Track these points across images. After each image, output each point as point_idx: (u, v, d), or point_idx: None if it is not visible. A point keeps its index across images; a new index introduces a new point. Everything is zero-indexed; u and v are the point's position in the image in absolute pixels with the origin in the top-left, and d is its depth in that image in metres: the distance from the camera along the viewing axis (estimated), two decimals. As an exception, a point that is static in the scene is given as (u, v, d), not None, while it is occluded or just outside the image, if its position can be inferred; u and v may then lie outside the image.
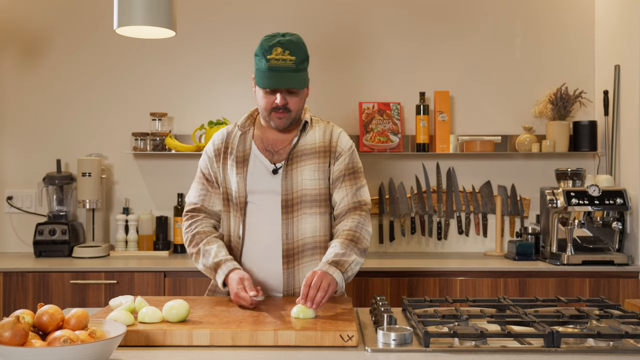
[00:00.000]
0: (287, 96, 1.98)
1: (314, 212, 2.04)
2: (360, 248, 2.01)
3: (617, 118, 3.33)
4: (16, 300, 3.02)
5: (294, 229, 2.02)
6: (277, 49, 1.92)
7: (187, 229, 2.10)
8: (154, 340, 1.54)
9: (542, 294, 3.00)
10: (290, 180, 2.03)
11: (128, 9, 2.26)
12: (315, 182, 2.04)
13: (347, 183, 2.07)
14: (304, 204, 2.03)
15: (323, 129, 2.11)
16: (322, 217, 2.06)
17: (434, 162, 3.60)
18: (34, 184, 3.58)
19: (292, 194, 2.03)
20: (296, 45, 1.95)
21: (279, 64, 1.92)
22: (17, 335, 1.29)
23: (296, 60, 1.93)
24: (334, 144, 2.08)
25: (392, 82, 3.61)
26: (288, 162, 2.04)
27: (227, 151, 2.10)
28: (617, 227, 3.07)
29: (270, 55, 1.92)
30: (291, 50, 1.93)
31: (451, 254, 3.48)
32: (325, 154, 2.07)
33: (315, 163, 2.05)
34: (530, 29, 3.61)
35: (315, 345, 1.53)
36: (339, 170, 2.07)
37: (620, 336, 1.52)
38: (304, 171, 2.04)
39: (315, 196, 2.04)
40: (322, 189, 2.05)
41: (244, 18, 3.61)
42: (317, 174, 2.04)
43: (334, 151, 2.08)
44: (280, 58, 1.92)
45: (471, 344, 1.52)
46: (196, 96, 3.62)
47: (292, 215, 2.02)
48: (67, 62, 3.61)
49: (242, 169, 2.05)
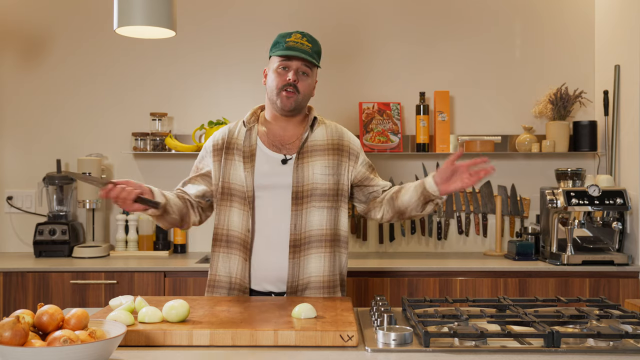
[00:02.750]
0: (299, 76, 2.08)
1: (323, 205, 2.09)
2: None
3: (617, 118, 3.33)
4: (16, 300, 3.02)
5: (302, 220, 2.06)
6: (296, 34, 2.07)
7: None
8: (154, 340, 1.54)
9: (542, 294, 3.00)
10: (301, 172, 2.07)
11: (128, 9, 2.26)
12: (326, 177, 2.09)
13: (376, 179, 2.20)
14: (313, 197, 2.07)
15: (331, 128, 2.19)
16: (329, 211, 2.10)
17: (434, 162, 3.60)
18: (34, 184, 3.58)
19: (302, 186, 2.07)
20: (313, 38, 2.11)
21: (297, 45, 2.05)
22: (17, 335, 1.29)
23: (312, 47, 2.08)
24: (345, 144, 2.16)
25: (392, 82, 3.61)
26: (299, 156, 2.09)
27: (230, 147, 2.12)
28: (617, 227, 3.07)
29: (289, 39, 2.06)
30: (308, 39, 2.09)
31: (451, 254, 3.48)
32: (336, 152, 2.13)
33: (326, 159, 2.11)
34: (531, 29, 3.61)
35: (315, 345, 1.53)
36: (364, 169, 2.18)
37: (620, 336, 1.52)
38: (315, 166, 2.09)
39: (325, 190, 2.09)
40: (331, 184, 2.10)
41: (244, 18, 3.61)
42: (328, 169, 2.10)
43: (347, 151, 2.16)
44: (298, 41, 2.06)
45: (471, 344, 1.52)
46: (196, 96, 3.62)
47: (301, 207, 2.06)
48: (67, 62, 3.61)
49: (250, 164, 2.08)
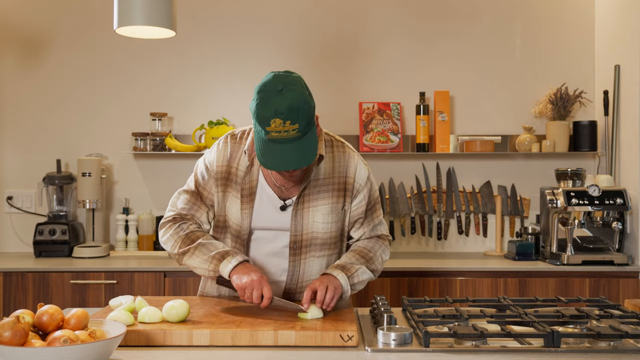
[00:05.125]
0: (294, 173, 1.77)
1: (323, 254, 1.93)
2: (370, 268, 1.90)
3: (617, 118, 3.33)
4: (16, 300, 3.02)
5: (300, 270, 1.91)
6: (275, 120, 1.62)
7: (175, 229, 1.88)
8: (154, 340, 1.54)
9: (542, 294, 2.99)
10: (300, 219, 1.87)
11: (128, 9, 2.26)
12: (327, 225, 1.89)
13: (366, 223, 1.98)
14: (313, 247, 1.90)
15: (338, 158, 1.91)
16: (329, 259, 1.95)
17: (434, 162, 3.60)
18: (34, 184, 3.58)
19: (301, 235, 1.88)
20: (297, 110, 1.63)
21: (281, 135, 1.64)
22: (17, 335, 1.29)
23: (300, 126, 1.64)
24: (350, 180, 1.91)
25: (392, 82, 3.61)
26: (299, 199, 1.87)
27: (230, 177, 1.89)
28: (617, 227, 3.07)
29: (270, 128, 1.64)
30: (292, 119, 1.62)
31: (451, 254, 3.48)
32: (340, 192, 1.90)
33: (328, 204, 1.88)
34: (530, 29, 3.61)
35: (315, 345, 1.53)
36: (358, 212, 1.94)
37: (620, 336, 1.52)
38: (317, 213, 1.87)
39: (326, 239, 1.91)
40: (333, 232, 1.91)
41: (245, 18, 3.61)
42: (330, 217, 1.89)
43: (350, 188, 1.91)
44: (281, 130, 1.63)
45: (471, 344, 1.52)
46: (196, 96, 3.62)
47: (299, 258, 1.90)
48: (67, 62, 3.61)
49: (248, 204, 1.87)
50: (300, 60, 3.59)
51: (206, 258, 1.80)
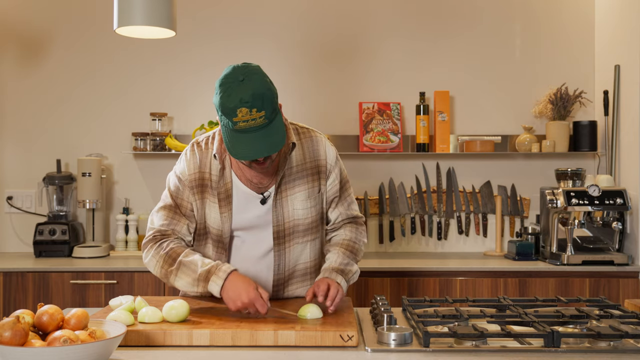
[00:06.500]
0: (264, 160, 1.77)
1: (306, 240, 1.96)
2: (357, 260, 2.02)
3: (617, 118, 3.33)
4: (16, 300, 3.02)
5: (285, 258, 1.93)
6: (241, 109, 1.64)
7: (156, 249, 1.84)
8: (154, 340, 1.54)
9: (542, 294, 3.00)
10: (281, 209, 1.89)
11: (128, 9, 2.26)
12: (307, 210, 1.92)
13: (341, 202, 2.03)
14: (295, 234, 1.93)
15: (307, 144, 1.95)
16: (312, 244, 1.98)
17: (434, 162, 3.60)
18: (34, 184, 3.58)
19: (283, 225, 1.90)
20: (261, 97, 1.66)
21: (248, 124, 1.66)
22: (17, 335, 1.29)
23: (267, 113, 1.67)
24: (322, 161, 1.95)
25: (392, 82, 3.61)
26: (278, 190, 1.89)
27: (204, 183, 1.89)
28: (617, 227, 3.07)
29: (237, 118, 1.65)
30: (258, 107, 1.65)
31: (451, 254, 3.48)
32: (314, 176, 1.94)
33: (305, 189, 1.92)
34: (530, 29, 3.61)
35: (315, 345, 1.53)
36: (333, 192, 1.99)
37: (620, 336, 1.52)
38: (295, 201, 1.90)
39: (307, 225, 1.94)
40: (313, 217, 1.95)
41: (245, 18, 3.61)
42: (308, 202, 1.92)
43: (324, 170, 1.95)
44: (248, 118, 1.66)
45: (471, 344, 1.52)
46: (196, 96, 3.62)
47: (284, 247, 1.92)
48: (67, 62, 3.61)
49: (227, 207, 1.88)
50: (300, 60, 3.59)
51: (190, 281, 1.77)
